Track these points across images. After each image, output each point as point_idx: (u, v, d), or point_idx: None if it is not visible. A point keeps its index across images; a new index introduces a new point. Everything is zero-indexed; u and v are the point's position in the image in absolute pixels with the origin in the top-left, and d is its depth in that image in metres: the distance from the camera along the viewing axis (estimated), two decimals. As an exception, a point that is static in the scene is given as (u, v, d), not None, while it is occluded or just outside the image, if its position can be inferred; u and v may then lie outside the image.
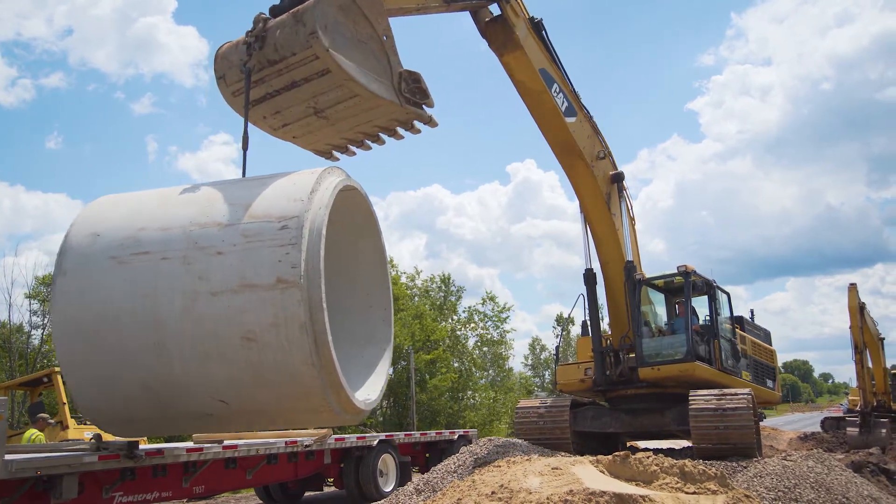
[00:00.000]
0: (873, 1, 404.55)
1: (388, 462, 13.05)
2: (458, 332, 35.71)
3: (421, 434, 15.30)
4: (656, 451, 11.38)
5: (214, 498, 14.27)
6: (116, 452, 8.00)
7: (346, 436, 13.00)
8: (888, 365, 25.67)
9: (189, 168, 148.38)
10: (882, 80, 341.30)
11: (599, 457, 7.55)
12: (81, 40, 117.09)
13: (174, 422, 5.34)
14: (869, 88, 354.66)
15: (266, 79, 5.94)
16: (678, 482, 6.54)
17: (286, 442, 10.98)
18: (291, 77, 5.87)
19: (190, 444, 9.71)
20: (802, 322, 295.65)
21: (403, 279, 35.16)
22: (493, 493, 6.65)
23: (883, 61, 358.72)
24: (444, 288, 37.09)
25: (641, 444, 14.15)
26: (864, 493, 9.07)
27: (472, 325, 37.24)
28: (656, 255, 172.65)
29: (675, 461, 6.90)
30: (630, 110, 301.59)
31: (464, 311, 37.27)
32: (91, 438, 8.93)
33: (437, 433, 15.86)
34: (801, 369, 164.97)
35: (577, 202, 12.15)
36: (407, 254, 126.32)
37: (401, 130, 6.80)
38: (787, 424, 41.95)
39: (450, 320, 35.56)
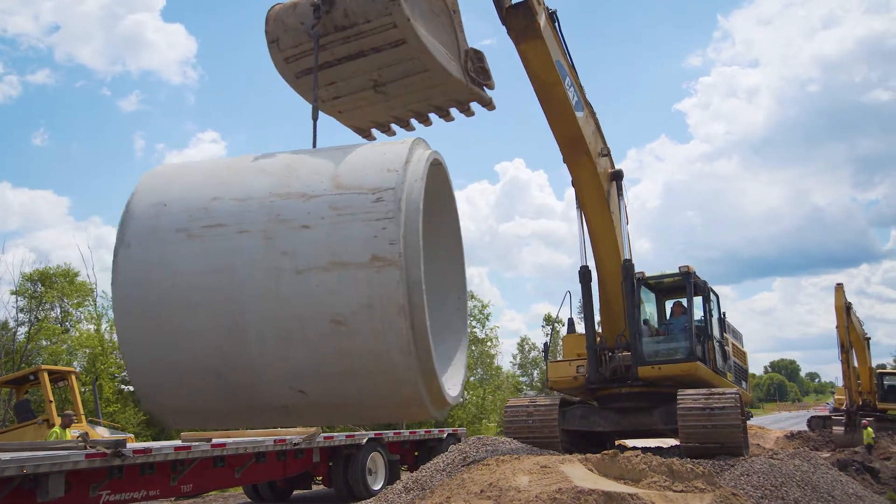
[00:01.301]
0: (858, 3, 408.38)
1: (376, 460, 13.05)
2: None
3: (410, 432, 15.29)
4: (645, 449, 11.42)
5: (202, 496, 14.20)
6: (103, 451, 7.96)
7: (335, 434, 12.98)
8: (874, 364, 25.96)
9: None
10: (867, 83, 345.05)
11: (588, 455, 7.59)
12: (68, 37, 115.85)
13: (244, 414, 4.86)
14: (854, 90, 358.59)
15: (329, 45, 5.51)
16: (666, 481, 6.58)
17: (275, 440, 10.95)
18: (360, 45, 5.49)
19: (178, 443, 9.65)
20: (789, 321, 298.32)
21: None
22: (482, 491, 6.66)
23: (867, 64, 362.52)
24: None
25: (630, 443, 14.20)
26: (850, 491, 9.16)
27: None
28: (642, 254, 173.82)
29: (663, 460, 6.94)
30: (618, 110, 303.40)
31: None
32: (78, 437, 8.87)
33: (426, 431, 15.86)
34: (787, 368, 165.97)
35: (566, 201, 12.21)
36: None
37: (453, 111, 6.46)
38: (773, 423, 42.21)
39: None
